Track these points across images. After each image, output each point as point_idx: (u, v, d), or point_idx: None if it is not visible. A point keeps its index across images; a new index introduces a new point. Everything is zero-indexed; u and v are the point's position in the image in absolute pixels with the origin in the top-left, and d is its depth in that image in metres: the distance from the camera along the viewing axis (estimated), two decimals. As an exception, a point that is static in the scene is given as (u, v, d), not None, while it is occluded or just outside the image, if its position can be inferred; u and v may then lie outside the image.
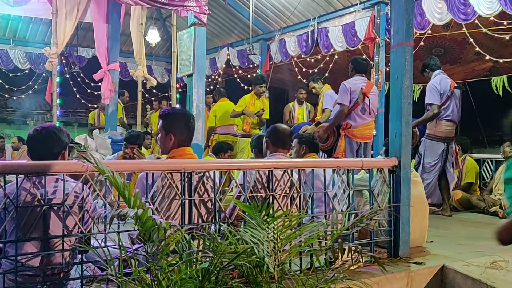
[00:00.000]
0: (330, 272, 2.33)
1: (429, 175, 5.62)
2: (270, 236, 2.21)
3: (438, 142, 5.61)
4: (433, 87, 5.54)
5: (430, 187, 5.61)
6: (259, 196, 2.89)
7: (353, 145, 5.50)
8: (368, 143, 5.61)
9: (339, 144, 5.48)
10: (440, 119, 5.58)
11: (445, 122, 5.60)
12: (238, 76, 11.49)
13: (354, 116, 5.50)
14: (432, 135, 5.62)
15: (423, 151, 5.66)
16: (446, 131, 5.62)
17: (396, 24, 3.50)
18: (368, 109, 5.50)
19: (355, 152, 5.48)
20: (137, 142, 5.52)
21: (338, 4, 8.35)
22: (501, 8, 5.86)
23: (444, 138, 5.62)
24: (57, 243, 2.35)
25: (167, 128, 2.79)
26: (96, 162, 2.03)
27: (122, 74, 10.80)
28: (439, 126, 5.60)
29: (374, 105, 5.60)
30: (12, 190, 2.23)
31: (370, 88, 5.57)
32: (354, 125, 5.49)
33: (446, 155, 5.65)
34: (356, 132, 5.49)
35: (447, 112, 5.59)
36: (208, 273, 2.00)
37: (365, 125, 5.54)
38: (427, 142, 5.65)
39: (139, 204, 1.97)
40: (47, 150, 2.52)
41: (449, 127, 5.65)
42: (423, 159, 5.63)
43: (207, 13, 5.67)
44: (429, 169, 5.61)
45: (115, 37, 7.97)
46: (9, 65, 10.67)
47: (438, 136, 5.61)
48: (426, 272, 3.17)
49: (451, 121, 5.64)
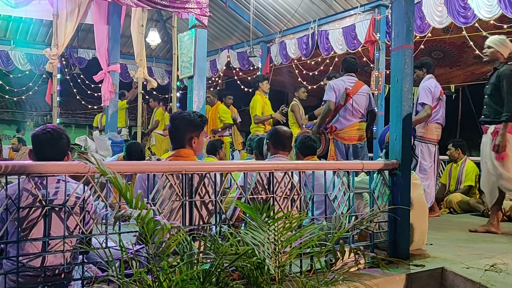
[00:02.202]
0: (330, 274, 2.34)
1: (429, 177, 5.61)
2: (270, 238, 2.22)
3: (431, 145, 5.64)
4: (427, 89, 5.55)
5: (431, 188, 5.60)
6: (260, 198, 2.90)
7: (341, 147, 5.53)
8: (358, 144, 5.59)
9: (330, 148, 5.55)
10: (431, 122, 5.61)
11: (435, 125, 5.64)
12: (238, 78, 11.51)
13: (338, 118, 5.56)
14: (424, 137, 5.63)
15: (420, 154, 5.65)
16: (436, 134, 5.66)
17: (396, 27, 3.51)
18: (353, 110, 5.53)
19: (345, 155, 5.51)
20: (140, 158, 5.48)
21: (338, 7, 8.38)
22: (501, 11, 5.87)
23: (434, 140, 5.66)
24: (58, 243, 2.36)
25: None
26: (98, 163, 2.03)
27: (123, 76, 10.81)
28: (430, 129, 5.62)
29: (361, 106, 5.60)
30: (14, 191, 2.23)
31: (358, 88, 5.60)
32: (339, 127, 5.55)
33: (437, 158, 5.72)
34: (343, 134, 5.54)
35: (437, 116, 5.64)
36: (209, 274, 2.01)
37: (351, 126, 5.55)
38: (422, 145, 5.65)
39: (141, 205, 1.98)
40: (56, 151, 2.52)
41: (438, 130, 5.70)
42: (420, 161, 5.61)
43: (208, 15, 5.70)
44: (428, 170, 5.61)
45: (115, 39, 8.00)
46: (9, 66, 10.68)
47: (430, 138, 5.63)
48: (426, 275, 3.17)
49: (440, 124, 5.69)
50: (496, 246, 4.05)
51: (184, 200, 2.58)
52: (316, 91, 10.09)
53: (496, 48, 4.74)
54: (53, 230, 2.33)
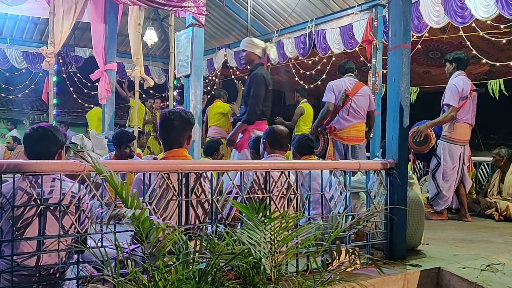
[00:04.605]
0: (327, 274, 2.33)
1: (449, 179, 5.44)
2: (267, 238, 2.21)
3: (456, 145, 5.44)
4: (454, 88, 5.34)
5: (451, 192, 5.45)
6: (256, 197, 2.89)
7: (340, 148, 5.52)
8: (357, 145, 5.56)
9: (328, 148, 5.53)
10: (458, 121, 5.40)
11: (462, 124, 5.43)
12: (235, 77, 11.49)
13: (338, 118, 5.54)
14: (450, 137, 5.43)
15: (442, 154, 5.45)
16: (463, 134, 5.45)
17: (393, 27, 3.51)
18: (353, 111, 5.50)
19: (344, 155, 5.49)
20: (132, 140, 5.40)
21: (335, 6, 8.37)
22: (498, 11, 5.87)
23: (461, 141, 5.46)
24: (53, 243, 2.34)
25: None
26: (94, 161, 2.02)
27: (119, 75, 10.79)
28: (457, 128, 5.41)
29: (362, 106, 5.57)
30: (9, 190, 2.22)
31: (357, 88, 5.58)
32: (338, 127, 5.53)
33: (463, 159, 5.49)
34: (342, 134, 5.52)
35: (465, 115, 5.42)
36: (205, 273, 2.00)
37: (351, 127, 5.53)
38: (445, 145, 5.45)
39: (136, 204, 1.97)
40: (43, 149, 2.52)
41: (466, 129, 5.48)
42: (443, 163, 5.43)
43: (205, 14, 5.68)
44: (450, 172, 5.43)
45: (112, 37, 7.97)
46: (5, 64, 10.63)
47: (456, 139, 5.43)
48: (422, 275, 3.17)
49: (468, 123, 5.47)
50: (493, 246, 4.06)
51: (180, 200, 2.57)
52: (314, 90, 10.10)
53: (249, 50, 4.75)
54: (48, 229, 2.32)
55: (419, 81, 9.33)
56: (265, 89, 4.65)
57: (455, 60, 5.56)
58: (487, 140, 12.39)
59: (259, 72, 4.67)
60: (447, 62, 5.62)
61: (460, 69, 5.54)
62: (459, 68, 5.54)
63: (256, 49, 4.74)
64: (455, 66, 5.56)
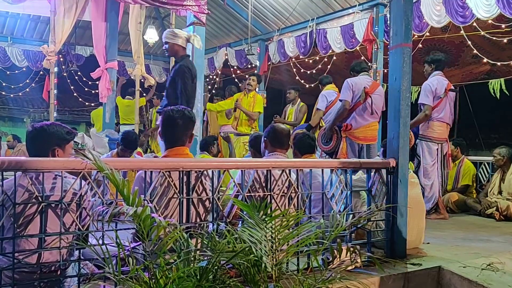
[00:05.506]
0: (328, 272, 2.34)
1: (431, 176, 5.54)
2: (268, 236, 2.21)
3: (433, 143, 5.56)
4: (428, 87, 5.48)
5: (434, 188, 5.51)
6: (257, 195, 2.89)
7: (355, 147, 5.44)
8: (371, 144, 5.53)
9: (341, 146, 5.42)
10: (432, 120, 5.52)
11: (437, 123, 5.54)
12: (236, 76, 11.50)
13: (355, 116, 5.43)
14: (425, 136, 5.56)
15: (421, 153, 5.60)
16: (438, 132, 5.56)
17: (394, 26, 3.51)
18: (370, 109, 5.40)
19: (358, 154, 5.43)
20: (136, 148, 5.48)
21: (336, 5, 8.37)
22: (499, 11, 5.88)
23: (438, 139, 5.57)
24: (54, 240, 2.34)
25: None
26: (95, 159, 2.02)
27: (120, 73, 10.78)
28: (431, 127, 5.54)
29: (378, 106, 5.51)
30: (10, 187, 2.22)
31: (375, 88, 5.52)
32: (355, 126, 5.42)
33: (442, 157, 5.61)
34: (358, 133, 5.44)
35: (440, 114, 5.53)
36: (206, 271, 2.00)
37: (367, 126, 5.46)
38: (423, 144, 5.59)
39: (137, 202, 1.97)
40: (37, 147, 2.53)
41: (441, 128, 5.58)
42: (422, 161, 5.56)
43: (206, 12, 5.68)
44: (430, 169, 5.54)
45: (113, 36, 7.97)
46: (6, 62, 10.65)
47: (431, 136, 5.56)
48: (423, 274, 3.18)
49: (443, 122, 5.57)
50: (493, 245, 4.06)
51: (182, 197, 2.57)
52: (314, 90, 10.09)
53: (172, 42, 4.66)
54: (49, 226, 2.32)
55: (421, 80, 9.30)
56: (191, 82, 4.53)
57: (434, 61, 5.70)
58: (487, 140, 12.39)
59: (184, 64, 4.54)
60: (425, 64, 5.74)
61: (438, 69, 5.66)
62: (437, 68, 5.67)
63: (178, 40, 4.63)
64: (434, 67, 5.69)
